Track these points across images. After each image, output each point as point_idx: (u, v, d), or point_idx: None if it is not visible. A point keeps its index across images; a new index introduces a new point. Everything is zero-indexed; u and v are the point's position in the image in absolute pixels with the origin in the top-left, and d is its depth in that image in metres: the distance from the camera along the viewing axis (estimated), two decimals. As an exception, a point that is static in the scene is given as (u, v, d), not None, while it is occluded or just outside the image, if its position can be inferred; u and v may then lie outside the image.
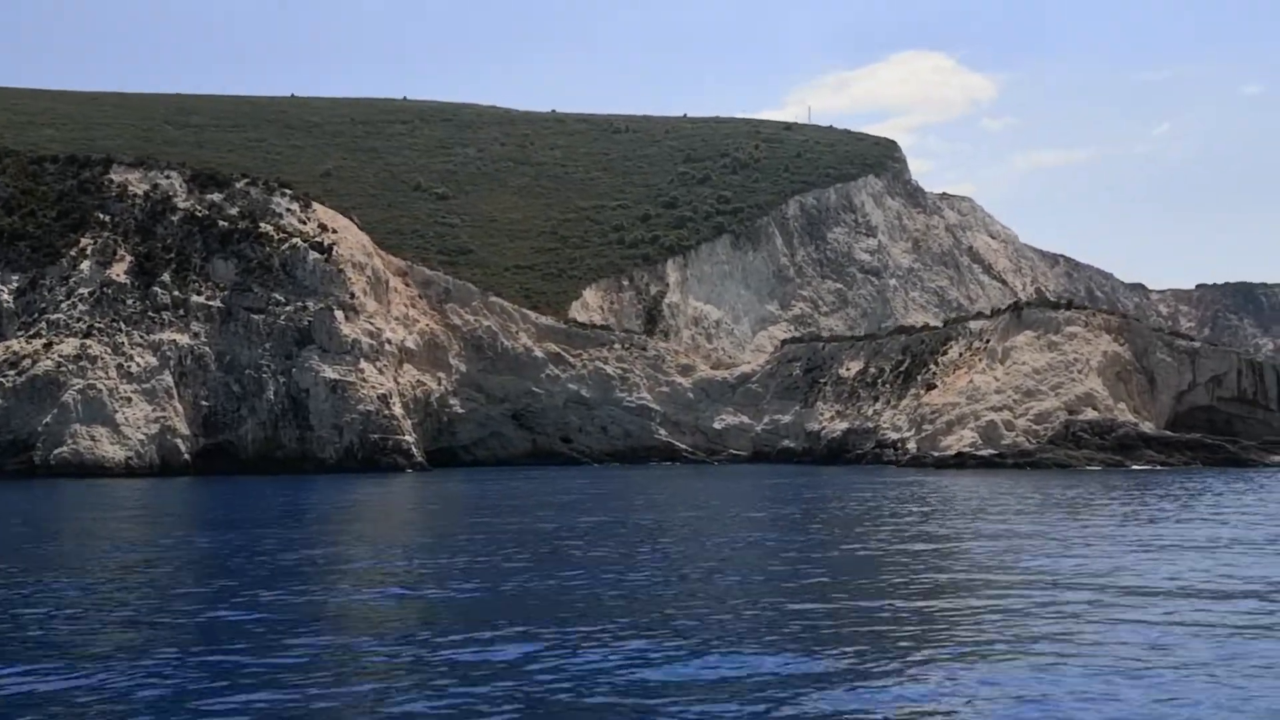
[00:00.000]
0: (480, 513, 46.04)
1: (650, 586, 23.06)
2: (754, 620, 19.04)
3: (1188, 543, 30.30)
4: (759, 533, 35.24)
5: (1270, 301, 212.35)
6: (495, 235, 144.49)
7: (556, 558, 28.40)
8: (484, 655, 16.32)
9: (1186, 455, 77.60)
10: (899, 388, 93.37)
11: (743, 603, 20.77)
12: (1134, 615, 19.08)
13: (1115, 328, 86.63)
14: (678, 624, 18.52)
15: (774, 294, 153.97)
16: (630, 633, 17.74)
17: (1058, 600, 20.66)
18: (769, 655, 15.97)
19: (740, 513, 44.49)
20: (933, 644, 16.93)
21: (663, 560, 27.55)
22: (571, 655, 16.17)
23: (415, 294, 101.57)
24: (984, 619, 19.01)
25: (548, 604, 21.02)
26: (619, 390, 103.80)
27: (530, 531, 35.56)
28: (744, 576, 24.63)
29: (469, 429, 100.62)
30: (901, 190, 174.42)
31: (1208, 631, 17.69)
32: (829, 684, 14.49)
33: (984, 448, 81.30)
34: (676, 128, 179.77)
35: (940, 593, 22.40)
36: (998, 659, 15.88)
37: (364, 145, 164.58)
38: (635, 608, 20.45)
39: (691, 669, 15.24)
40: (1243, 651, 16.27)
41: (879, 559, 27.74)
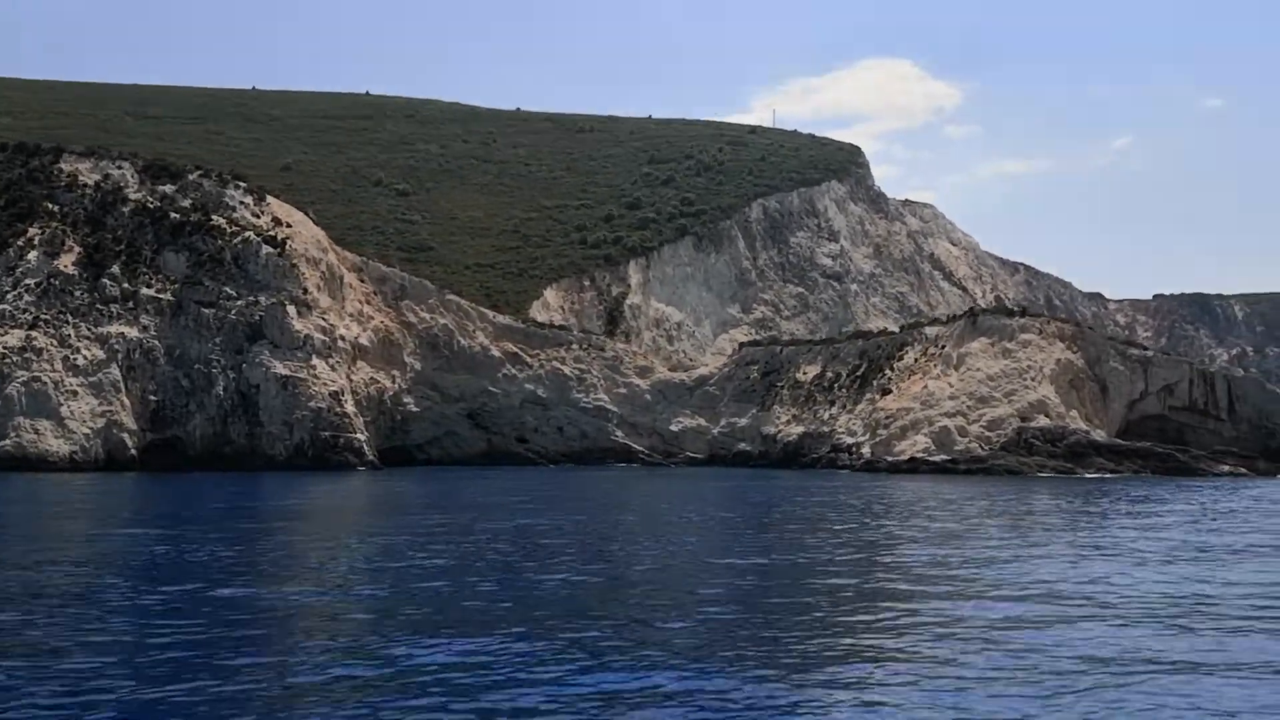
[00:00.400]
0: (429, 512, 45.24)
1: (577, 588, 22.47)
2: (676, 628, 18.50)
3: (1113, 551, 30.10)
4: (695, 537, 34.75)
5: (1226, 313, 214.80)
6: (456, 233, 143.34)
7: (488, 560, 27.76)
8: (408, 659, 15.66)
9: (1137, 464, 77.88)
10: (855, 392, 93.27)
11: (668, 609, 20.22)
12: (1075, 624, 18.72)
13: (1069, 335, 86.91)
14: (602, 632, 17.94)
15: (736, 297, 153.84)
16: (536, 640, 17.16)
17: (980, 612, 20.27)
18: (683, 665, 15.42)
19: (686, 516, 43.98)
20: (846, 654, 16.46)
21: (597, 561, 26.95)
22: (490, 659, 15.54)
23: (370, 290, 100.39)
24: (910, 630, 18.57)
25: (472, 609, 20.38)
26: (576, 391, 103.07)
27: (478, 532, 34.89)
28: (670, 581, 24.10)
29: (423, 428, 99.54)
30: (864, 196, 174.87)
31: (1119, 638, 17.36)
32: (745, 698, 13.94)
33: (937, 453, 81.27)
34: (641, 128, 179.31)
35: (860, 602, 21.96)
36: (921, 669, 15.41)
37: (325, 140, 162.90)
38: (555, 611, 19.85)
39: (613, 679, 14.65)
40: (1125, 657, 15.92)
41: (807, 566, 27.28)
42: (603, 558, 28.27)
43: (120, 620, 18.99)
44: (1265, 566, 27.52)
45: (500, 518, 41.23)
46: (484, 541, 32.29)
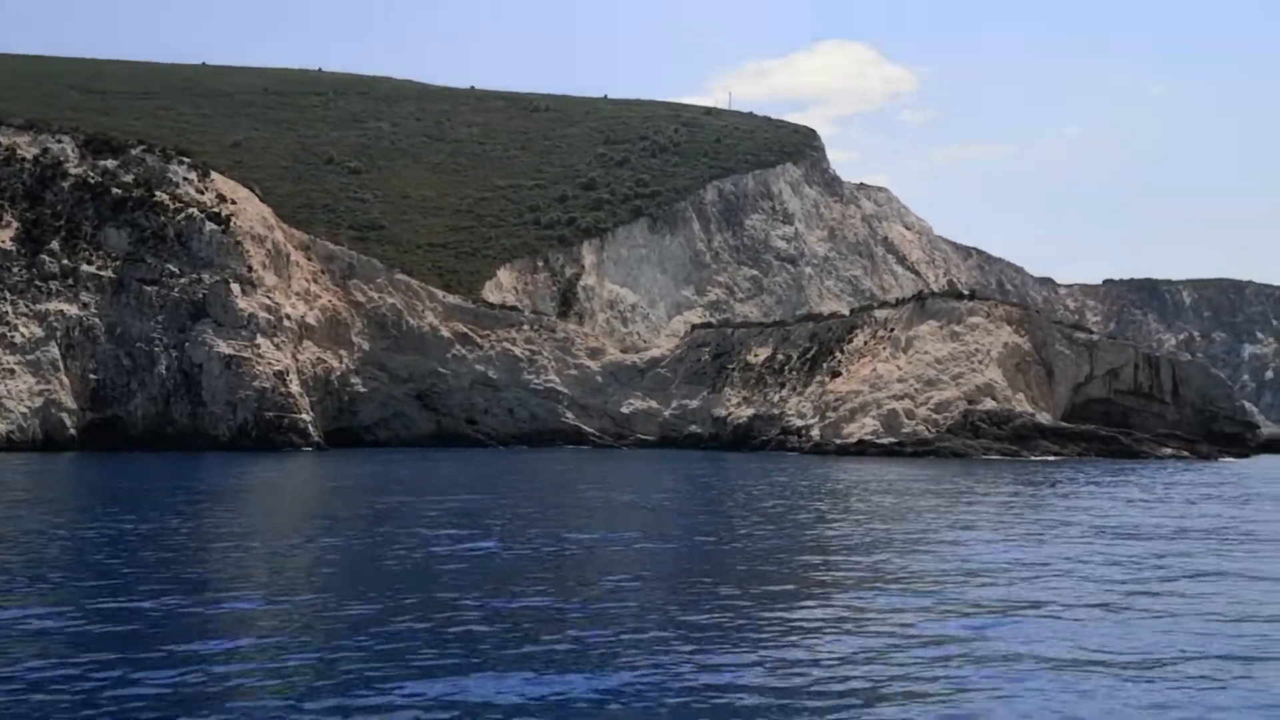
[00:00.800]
0: (373, 495, 44.38)
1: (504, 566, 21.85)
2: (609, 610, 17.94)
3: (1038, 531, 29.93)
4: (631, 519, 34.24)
5: (1174, 298, 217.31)
6: (408, 212, 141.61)
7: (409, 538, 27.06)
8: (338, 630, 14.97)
9: (1081, 446, 78.32)
10: (805, 375, 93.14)
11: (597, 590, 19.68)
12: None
13: (1016, 319, 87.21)
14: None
15: (690, 279, 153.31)
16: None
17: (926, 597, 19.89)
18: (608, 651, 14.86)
19: (623, 498, 43.47)
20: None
21: (522, 543, 26.34)
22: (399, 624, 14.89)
23: (318, 269, 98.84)
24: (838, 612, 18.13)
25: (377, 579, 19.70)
26: (526, 372, 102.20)
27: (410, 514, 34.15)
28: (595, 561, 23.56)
29: (371, 409, 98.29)
30: (819, 179, 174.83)
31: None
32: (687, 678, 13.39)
33: (885, 436, 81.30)
34: (597, 109, 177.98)
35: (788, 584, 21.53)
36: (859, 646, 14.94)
37: (276, 117, 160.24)
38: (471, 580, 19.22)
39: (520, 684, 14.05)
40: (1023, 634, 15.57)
41: (726, 548, 26.84)
42: (515, 539, 27.67)
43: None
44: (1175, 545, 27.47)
45: (432, 498, 40.55)
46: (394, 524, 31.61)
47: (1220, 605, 18.73)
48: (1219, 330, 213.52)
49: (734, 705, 12.55)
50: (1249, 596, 19.65)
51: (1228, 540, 28.49)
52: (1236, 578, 21.92)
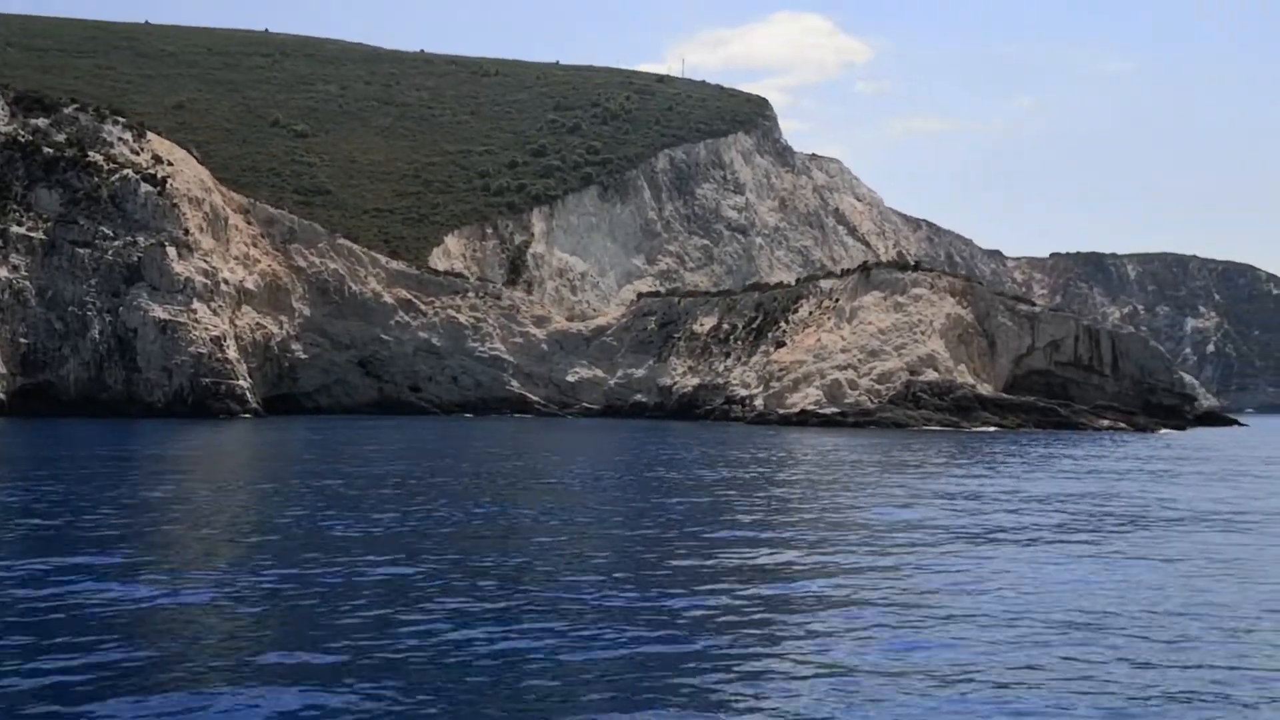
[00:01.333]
0: (304, 463, 43.22)
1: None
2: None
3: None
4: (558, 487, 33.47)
5: (1119, 271, 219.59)
6: (355, 176, 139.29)
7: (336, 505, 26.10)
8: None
9: (1021, 417, 78.58)
10: (750, 345, 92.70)
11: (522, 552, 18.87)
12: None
13: (959, 290, 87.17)
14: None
15: (640, 248, 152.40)
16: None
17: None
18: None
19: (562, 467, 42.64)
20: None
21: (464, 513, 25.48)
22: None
23: (258, 233, 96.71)
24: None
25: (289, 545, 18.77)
26: (471, 340, 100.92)
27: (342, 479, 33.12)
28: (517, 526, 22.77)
29: (312, 375, 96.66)
30: (771, 149, 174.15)
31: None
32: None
33: (828, 406, 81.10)
34: (548, 74, 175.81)
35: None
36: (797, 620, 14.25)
37: (221, 78, 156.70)
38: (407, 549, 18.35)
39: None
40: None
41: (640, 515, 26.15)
42: (422, 512, 26.80)
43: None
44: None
45: (355, 466, 39.52)
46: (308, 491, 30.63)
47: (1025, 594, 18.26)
48: (1163, 304, 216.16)
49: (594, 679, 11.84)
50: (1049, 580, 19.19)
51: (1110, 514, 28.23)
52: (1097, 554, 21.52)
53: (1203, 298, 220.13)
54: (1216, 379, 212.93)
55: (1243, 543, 22.53)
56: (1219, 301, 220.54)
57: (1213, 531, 24.18)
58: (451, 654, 12.65)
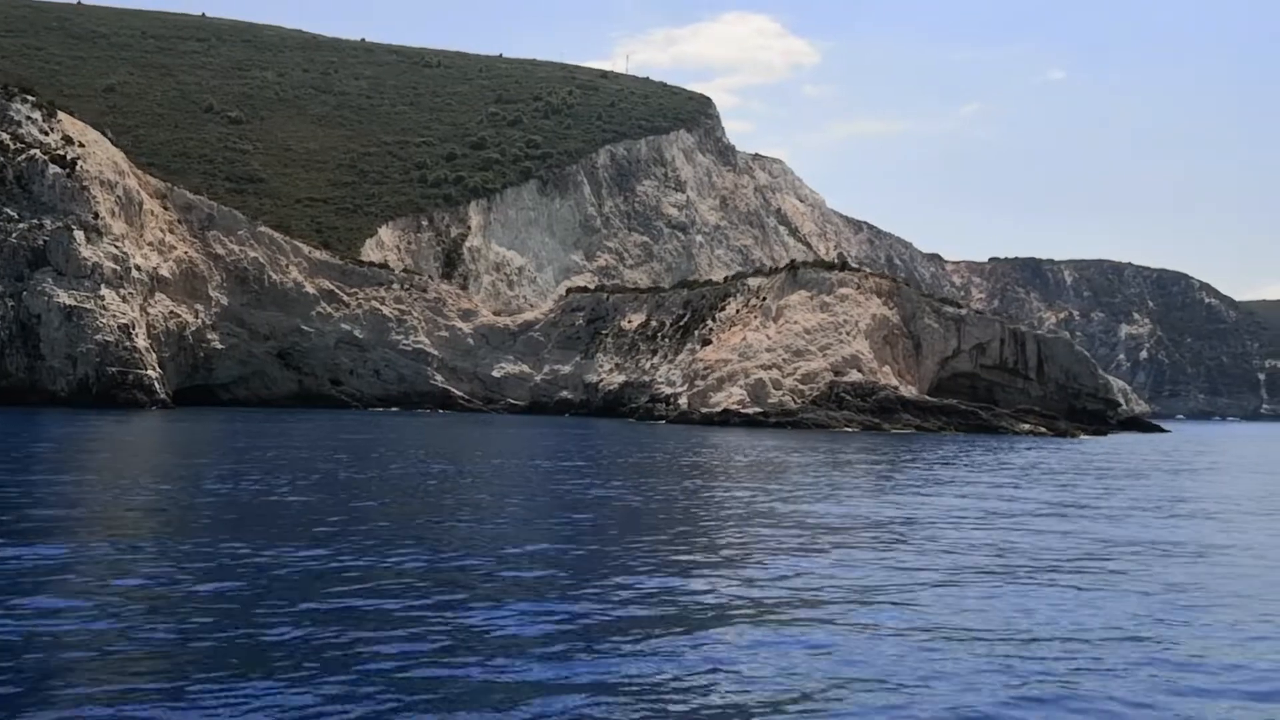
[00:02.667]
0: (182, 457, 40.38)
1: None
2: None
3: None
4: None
5: (1055, 277, 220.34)
6: (289, 165, 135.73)
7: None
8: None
9: (942, 420, 77.04)
10: (677, 342, 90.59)
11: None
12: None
13: (885, 291, 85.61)
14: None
15: (579, 244, 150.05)
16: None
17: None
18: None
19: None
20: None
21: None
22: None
23: (175, 219, 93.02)
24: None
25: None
26: (395, 332, 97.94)
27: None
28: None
29: (228, 366, 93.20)
30: (713, 148, 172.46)
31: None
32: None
33: (751, 406, 79.15)
34: (491, 66, 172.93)
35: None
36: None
37: (154, 61, 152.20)
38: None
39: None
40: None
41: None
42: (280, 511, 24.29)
43: None
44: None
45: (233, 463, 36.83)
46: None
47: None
48: (1098, 310, 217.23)
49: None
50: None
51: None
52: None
53: (1137, 304, 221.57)
54: (1149, 385, 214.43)
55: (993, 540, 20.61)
56: (1153, 309, 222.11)
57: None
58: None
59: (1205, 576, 18.49)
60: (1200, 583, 17.82)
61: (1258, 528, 26.71)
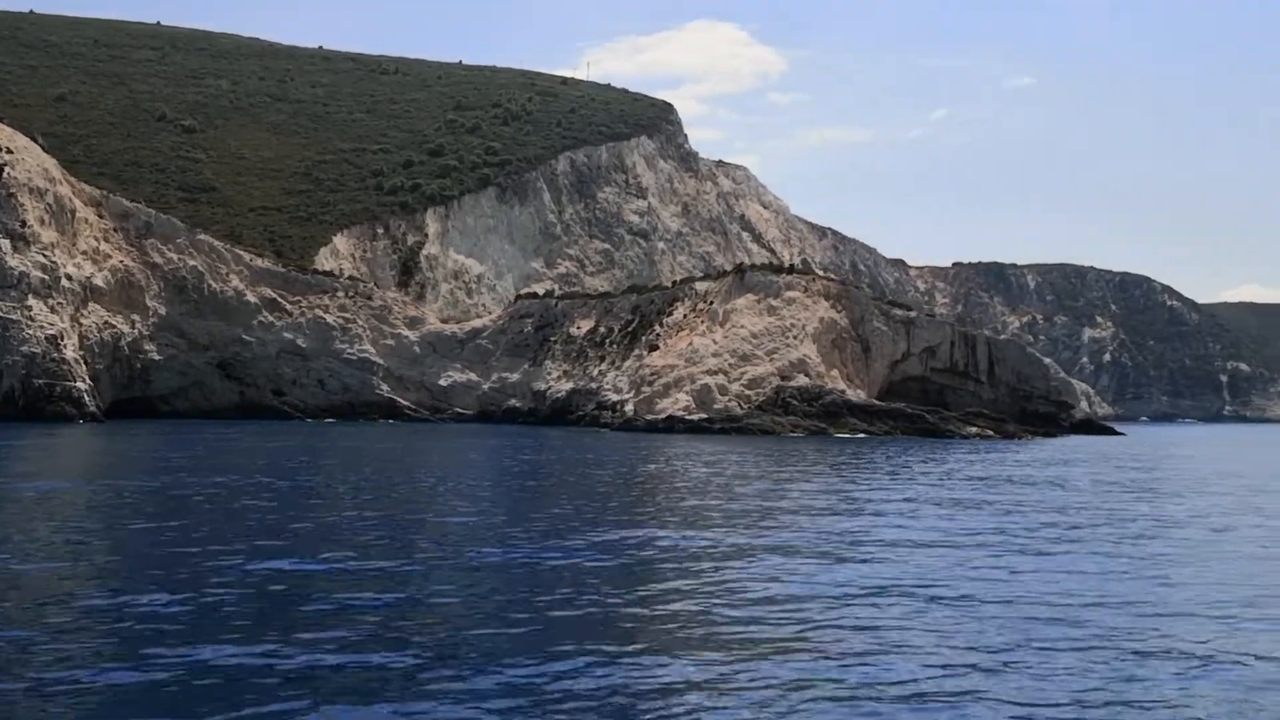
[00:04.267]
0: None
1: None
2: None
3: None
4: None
5: (1018, 281, 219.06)
6: (243, 173, 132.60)
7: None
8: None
9: (889, 424, 74.77)
10: (625, 348, 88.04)
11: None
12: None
13: (834, 294, 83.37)
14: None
15: (540, 251, 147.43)
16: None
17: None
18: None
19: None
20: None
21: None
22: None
23: (110, 227, 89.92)
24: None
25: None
26: (339, 341, 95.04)
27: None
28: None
29: (167, 378, 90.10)
30: (675, 154, 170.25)
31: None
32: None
33: (697, 412, 76.73)
34: (449, 73, 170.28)
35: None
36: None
37: (107, 70, 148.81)
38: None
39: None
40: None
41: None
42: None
43: None
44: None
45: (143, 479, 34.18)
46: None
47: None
48: (1061, 314, 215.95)
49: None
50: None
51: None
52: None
53: (1100, 308, 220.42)
54: (1113, 387, 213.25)
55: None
56: (1115, 312, 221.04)
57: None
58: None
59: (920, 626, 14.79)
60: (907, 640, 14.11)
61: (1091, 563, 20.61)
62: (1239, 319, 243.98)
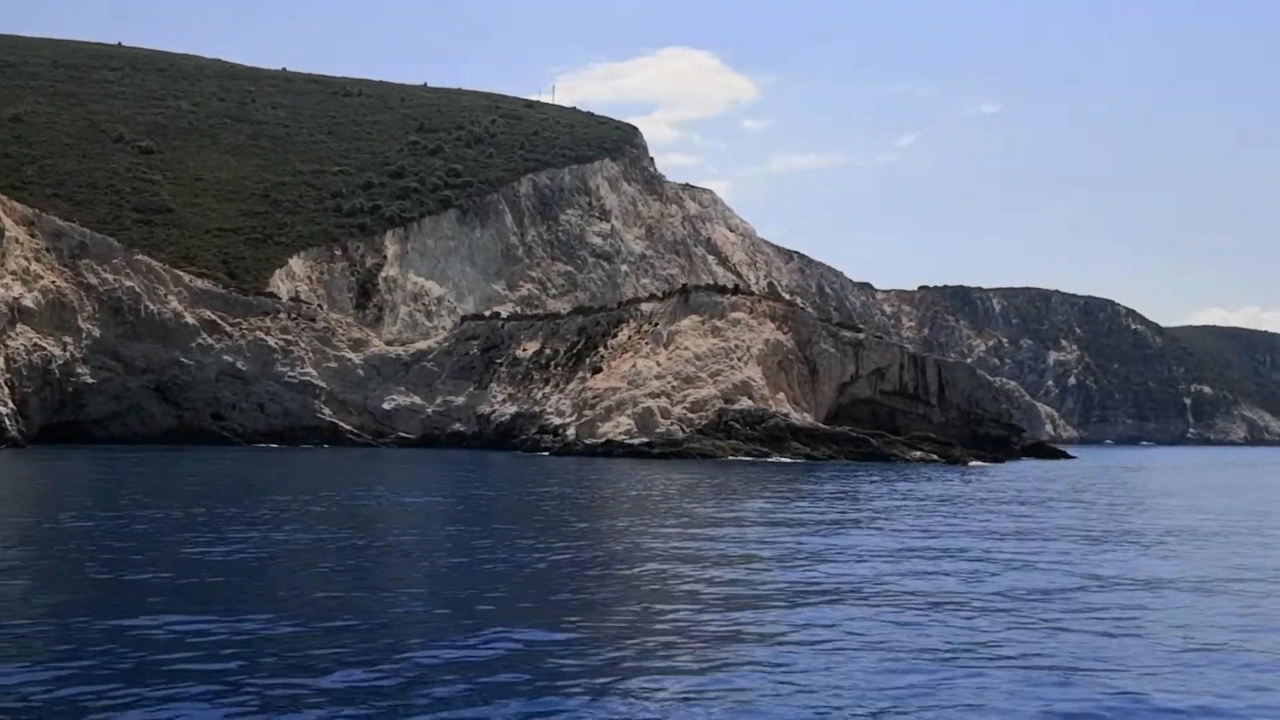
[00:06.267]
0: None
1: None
2: None
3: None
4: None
5: (984, 305, 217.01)
6: (200, 195, 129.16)
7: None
8: None
9: (832, 448, 71.69)
10: (569, 371, 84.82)
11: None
12: None
13: (780, 315, 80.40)
14: None
15: (501, 273, 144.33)
16: None
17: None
18: None
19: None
20: None
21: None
22: None
23: (43, 246, 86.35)
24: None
25: None
26: (280, 364, 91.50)
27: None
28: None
29: (101, 402, 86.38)
30: (639, 176, 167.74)
31: None
32: None
33: (638, 435, 73.53)
34: (413, 96, 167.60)
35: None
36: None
37: (64, 91, 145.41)
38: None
39: None
40: None
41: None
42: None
43: None
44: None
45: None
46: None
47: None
48: (1026, 337, 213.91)
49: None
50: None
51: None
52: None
53: (1065, 331, 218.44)
54: (1078, 410, 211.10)
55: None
56: (1080, 335, 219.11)
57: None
58: None
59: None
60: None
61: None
62: (1203, 342, 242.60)
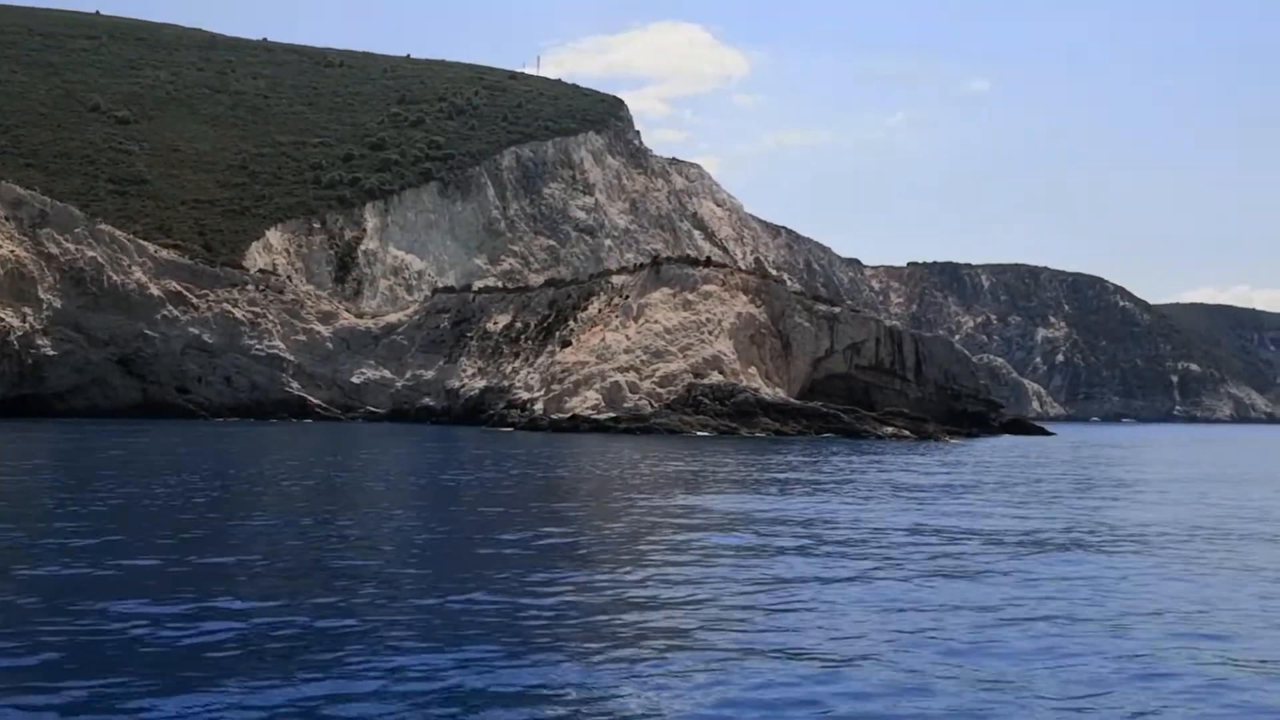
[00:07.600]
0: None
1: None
2: None
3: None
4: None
5: (973, 281, 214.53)
6: (177, 166, 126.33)
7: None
8: None
9: (802, 424, 69.41)
10: (538, 344, 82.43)
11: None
12: None
13: (753, 288, 77.95)
14: None
15: (483, 247, 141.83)
16: None
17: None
18: None
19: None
20: None
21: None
22: None
23: (1, 215, 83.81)
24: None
25: None
26: (248, 337, 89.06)
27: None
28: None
29: (63, 375, 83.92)
30: (623, 150, 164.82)
31: None
32: None
33: (605, 410, 71.25)
34: (396, 67, 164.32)
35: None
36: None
37: (40, 59, 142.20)
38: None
39: None
40: None
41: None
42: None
43: None
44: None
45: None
46: None
47: None
48: (1015, 314, 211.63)
49: None
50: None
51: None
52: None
53: (1053, 308, 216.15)
54: (1066, 387, 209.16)
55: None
56: (1068, 312, 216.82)
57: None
58: None
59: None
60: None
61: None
62: (1190, 320, 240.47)
